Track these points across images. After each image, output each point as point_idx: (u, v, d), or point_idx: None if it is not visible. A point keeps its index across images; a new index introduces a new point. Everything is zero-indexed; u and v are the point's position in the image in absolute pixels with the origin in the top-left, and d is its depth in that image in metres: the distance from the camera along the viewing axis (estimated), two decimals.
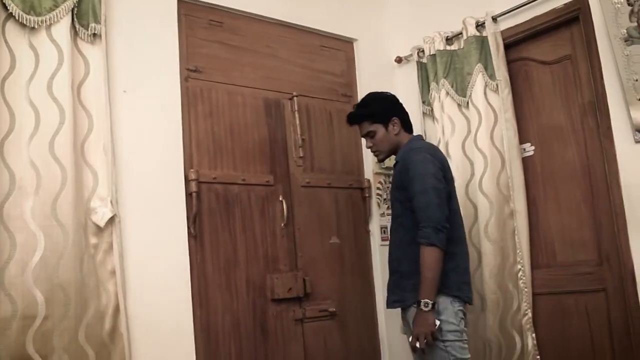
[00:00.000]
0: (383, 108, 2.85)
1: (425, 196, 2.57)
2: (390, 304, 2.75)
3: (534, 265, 3.15)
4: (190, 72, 3.03)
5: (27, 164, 2.39)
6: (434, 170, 2.62)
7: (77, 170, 2.49)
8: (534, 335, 3.04)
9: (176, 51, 2.97)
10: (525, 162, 3.25)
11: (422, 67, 3.63)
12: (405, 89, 3.65)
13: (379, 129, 2.81)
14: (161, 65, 2.91)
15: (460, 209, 2.80)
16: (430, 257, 2.51)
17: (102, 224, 2.53)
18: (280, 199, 3.23)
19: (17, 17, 2.44)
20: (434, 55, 3.51)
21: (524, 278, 3.07)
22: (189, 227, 2.87)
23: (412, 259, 2.57)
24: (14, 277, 2.30)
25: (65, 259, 2.38)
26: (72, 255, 2.39)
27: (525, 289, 3.06)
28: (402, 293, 2.65)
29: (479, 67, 3.29)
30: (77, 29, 2.60)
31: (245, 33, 3.29)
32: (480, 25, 3.34)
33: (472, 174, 3.28)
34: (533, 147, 3.29)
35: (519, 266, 3.08)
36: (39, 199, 2.38)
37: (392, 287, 2.74)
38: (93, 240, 2.52)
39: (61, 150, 2.45)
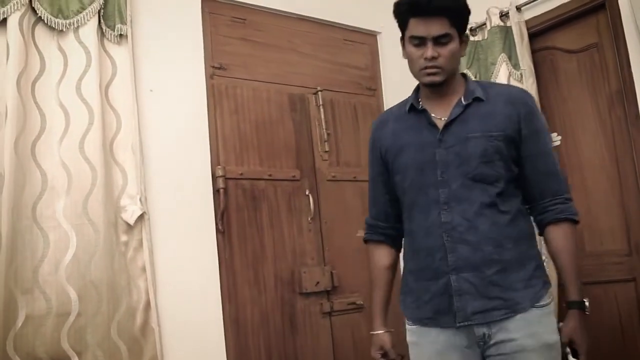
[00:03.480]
0: (468, 14, 1.86)
1: (556, 159, 1.88)
2: (472, 315, 1.76)
3: None
4: (215, 70, 3.06)
5: (58, 164, 2.45)
6: None
7: (106, 169, 2.53)
8: None
9: (201, 49, 3.01)
10: None
11: None
12: None
13: (455, 39, 1.80)
14: (186, 64, 2.94)
15: None
16: (575, 239, 1.86)
17: (131, 221, 2.57)
18: (307, 193, 3.25)
19: (45, 21, 2.50)
20: None
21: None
22: (216, 223, 2.90)
23: (515, 241, 1.78)
24: (48, 275, 2.36)
25: (96, 256, 2.43)
26: (103, 253, 2.44)
27: None
28: (509, 293, 1.75)
29: (503, 56, 3.26)
30: (104, 30, 2.64)
31: (268, 29, 3.31)
32: (504, 15, 3.30)
33: None
34: (560, 137, 3.26)
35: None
36: (70, 198, 2.44)
37: (483, 288, 1.75)
38: (123, 237, 2.57)
39: (91, 150, 2.50)
